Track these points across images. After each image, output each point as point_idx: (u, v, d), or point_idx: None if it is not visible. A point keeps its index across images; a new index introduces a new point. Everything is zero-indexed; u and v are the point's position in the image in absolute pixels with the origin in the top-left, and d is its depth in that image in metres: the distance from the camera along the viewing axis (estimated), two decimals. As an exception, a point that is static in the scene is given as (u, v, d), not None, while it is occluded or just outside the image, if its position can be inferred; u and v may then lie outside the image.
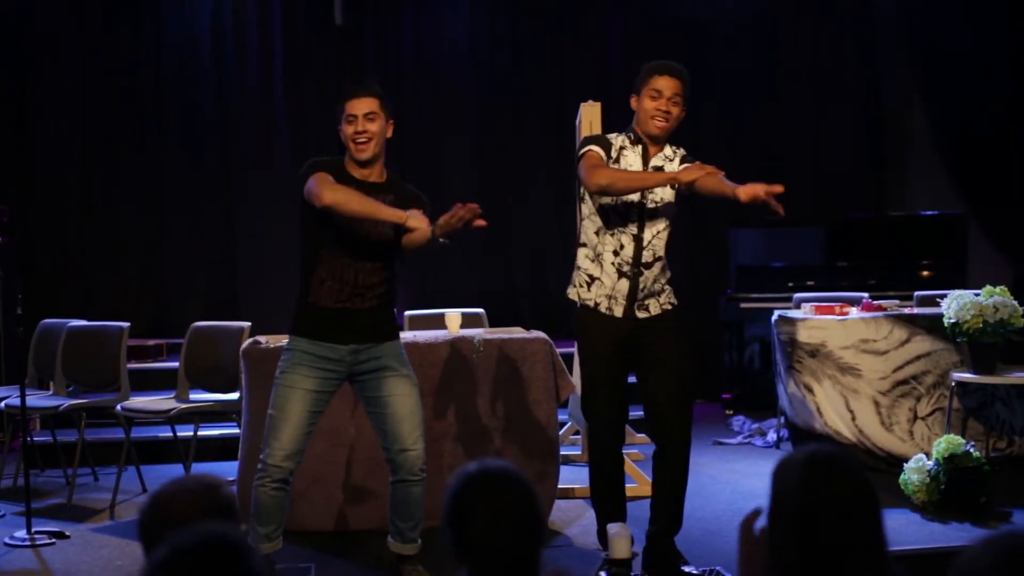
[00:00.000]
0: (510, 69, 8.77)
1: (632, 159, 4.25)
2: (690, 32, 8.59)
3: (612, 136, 4.34)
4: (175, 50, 8.48)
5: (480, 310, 6.53)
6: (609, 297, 4.22)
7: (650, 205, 4.21)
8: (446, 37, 8.74)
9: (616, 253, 4.21)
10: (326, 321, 4.01)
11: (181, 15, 8.50)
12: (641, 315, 4.22)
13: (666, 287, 4.31)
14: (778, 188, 3.98)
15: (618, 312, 4.21)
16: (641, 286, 4.21)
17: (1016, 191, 8.33)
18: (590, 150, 4.24)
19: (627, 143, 4.28)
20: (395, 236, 4.03)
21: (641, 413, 4.38)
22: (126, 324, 5.91)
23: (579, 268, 4.31)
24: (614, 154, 4.26)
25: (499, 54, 8.78)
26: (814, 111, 8.79)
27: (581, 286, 4.29)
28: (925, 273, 7.82)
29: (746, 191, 3.99)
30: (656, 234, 4.22)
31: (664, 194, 4.23)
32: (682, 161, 4.31)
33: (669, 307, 4.29)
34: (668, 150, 4.33)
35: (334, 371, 4.03)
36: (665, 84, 4.19)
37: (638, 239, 4.20)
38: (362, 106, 4.02)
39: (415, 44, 8.72)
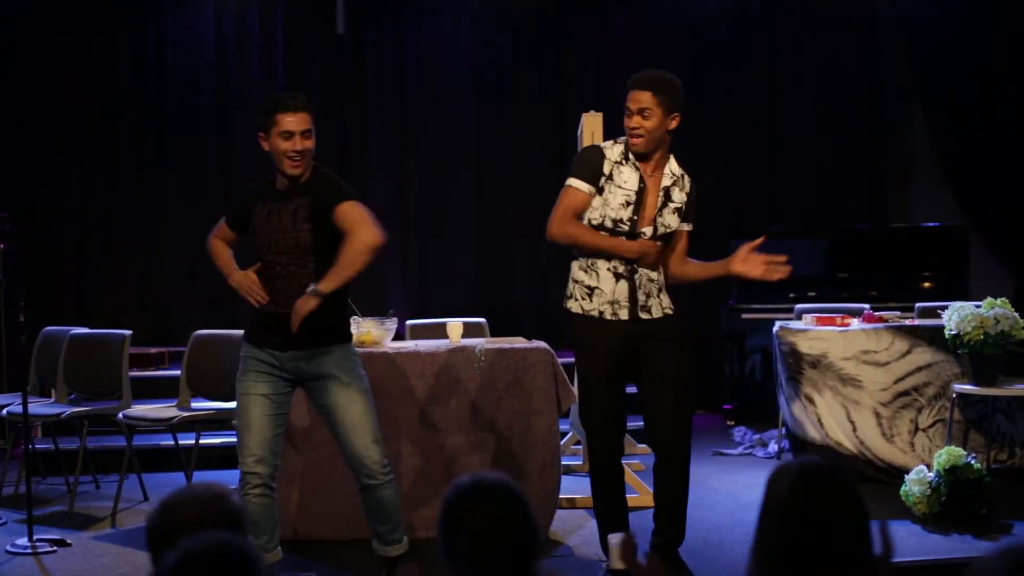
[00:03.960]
0: (511, 79, 8.78)
1: (627, 175, 4.23)
2: (690, 42, 8.60)
3: (608, 145, 4.30)
4: (177, 58, 8.50)
5: (482, 320, 6.53)
6: (612, 303, 4.22)
7: (657, 219, 4.21)
8: (447, 46, 8.75)
9: (609, 259, 4.22)
10: (263, 326, 4.07)
11: (183, 24, 8.52)
12: (644, 316, 4.21)
13: (663, 289, 4.28)
14: (780, 259, 4.12)
15: (624, 315, 4.21)
16: (639, 284, 4.20)
17: (1017, 203, 8.33)
18: (571, 187, 4.24)
19: (622, 157, 4.26)
20: (322, 239, 3.97)
21: (642, 423, 4.38)
22: (128, 332, 5.91)
23: (576, 281, 4.30)
24: (607, 169, 4.22)
25: (500, 64, 8.79)
26: (814, 122, 8.79)
27: (583, 298, 4.28)
28: (926, 284, 7.82)
29: (741, 264, 4.17)
30: (644, 235, 4.20)
31: (669, 219, 4.21)
32: (691, 186, 4.27)
33: (670, 311, 4.28)
34: (675, 167, 4.28)
35: (280, 376, 4.06)
36: (633, 98, 4.15)
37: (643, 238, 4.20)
38: (299, 123, 3.97)
39: (416, 53, 8.73)
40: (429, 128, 8.71)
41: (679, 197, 4.26)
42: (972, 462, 5.18)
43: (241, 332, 5.71)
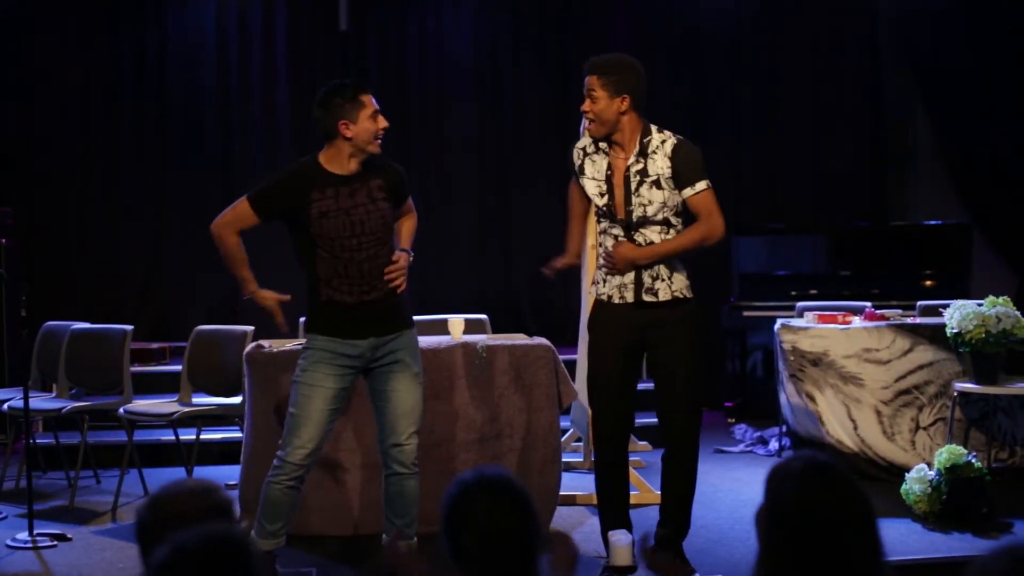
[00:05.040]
0: (513, 74, 8.77)
1: (597, 164, 4.25)
2: (691, 39, 8.59)
3: (580, 144, 4.33)
4: (179, 54, 8.48)
5: (483, 316, 6.51)
6: (620, 286, 4.21)
7: (632, 201, 4.19)
8: (449, 42, 8.74)
9: (615, 246, 4.21)
10: (344, 317, 4.00)
11: (185, 20, 8.51)
12: (649, 299, 4.18)
13: (675, 272, 4.21)
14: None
15: (629, 297, 4.19)
16: (644, 266, 4.18)
17: (1020, 201, 8.32)
18: (571, 183, 4.42)
19: (593, 148, 4.26)
20: (392, 214, 4.11)
21: (645, 420, 4.38)
22: (129, 327, 5.91)
23: (598, 267, 4.32)
24: (578, 161, 4.29)
25: (502, 59, 8.78)
26: (816, 119, 8.77)
27: (599, 283, 4.30)
28: (928, 283, 7.81)
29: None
30: (643, 220, 4.17)
31: (648, 195, 4.17)
32: (673, 149, 4.15)
33: (681, 296, 4.21)
34: (646, 142, 4.17)
35: (352, 367, 4.04)
36: (585, 83, 4.18)
37: (626, 225, 4.18)
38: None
39: (418, 49, 8.72)
40: (431, 124, 8.71)
41: (657, 168, 4.15)
42: (973, 461, 5.17)
43: (242, 328, 5.75)
